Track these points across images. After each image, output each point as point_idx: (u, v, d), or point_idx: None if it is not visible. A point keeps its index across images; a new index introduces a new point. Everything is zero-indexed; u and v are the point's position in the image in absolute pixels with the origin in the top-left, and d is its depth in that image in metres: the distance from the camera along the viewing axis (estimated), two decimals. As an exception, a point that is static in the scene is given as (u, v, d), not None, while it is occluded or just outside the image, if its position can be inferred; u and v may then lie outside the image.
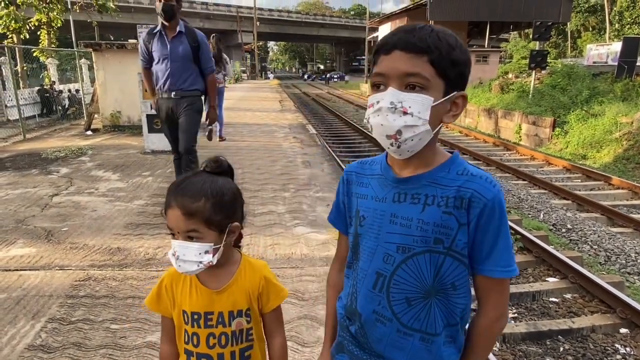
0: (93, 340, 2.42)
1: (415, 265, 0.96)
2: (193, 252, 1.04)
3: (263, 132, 9.90)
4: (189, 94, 4.13)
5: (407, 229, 0.95)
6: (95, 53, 9.31)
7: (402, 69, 0.89)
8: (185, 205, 1.03)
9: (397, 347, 0.98)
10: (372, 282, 0.99)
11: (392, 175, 1.00)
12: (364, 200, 1.04)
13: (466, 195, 0.92)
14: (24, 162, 6.68)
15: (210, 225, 1.05)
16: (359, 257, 1.04)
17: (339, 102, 27.42)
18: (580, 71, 15.37)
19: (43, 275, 3.14)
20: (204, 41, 4.16)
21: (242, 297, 1.14)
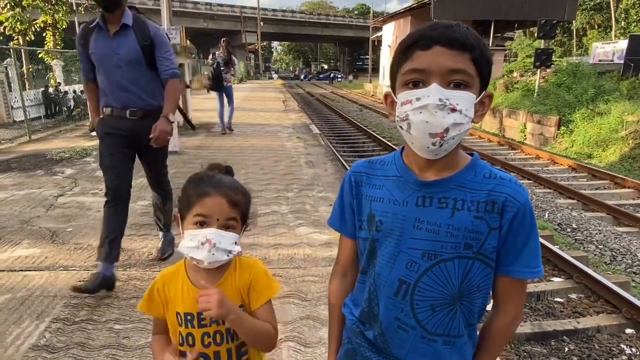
0: (97, 340, 2.43)
1: (442, 272, 0.93)
2: (228, 241, 1.08)
3: (267, 132, 9.92)
4: (153, 111, 2.91)
5: (434, 234, 0.92)
6: (100, 54, 9.34)
7: (447, 65, 0.85)
8: (230, 195, 1.10)
9: (420, 352, 0.97)
10: (394, 290, 0.96)
11: (413, 177, 0.96)
12: (379, 204, 0.98)
13: (499, 199, 0.91)
14: (29, 163, 6.73)
15: (242, 219, 1.13)
16: (375, 262, 0.99)
17: (342, 101, 27.40)
18: (585, 69, 15.26)
19: (47, 276, 3.16)
20: (160, 36, 2.91)
21: (233, 294, 1.14)
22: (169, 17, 9.99)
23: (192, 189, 1.12)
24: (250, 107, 15.10)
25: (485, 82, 0.91)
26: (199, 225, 1.08)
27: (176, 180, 5.62)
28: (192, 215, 1.09)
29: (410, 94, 0.87)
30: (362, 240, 1.04)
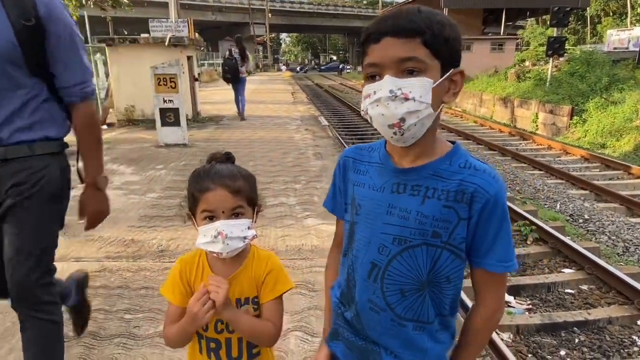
0: (108, 329, 2.48)
1: (411, 258, 0.95)
2: (240, 228, 1.10)
3: (275, 124, 9.92)
4: (18, 152, 1.60)
5: (404, 220, 0.94)
6: (109, 48, 9.43)
7: (396, 55, 0.86)
8: (230, 185, 1.10)
9: (391, 335, 0.99)
10: (366, 272, 0.99)
11: (391, 164, 0.98)
12: (361, 189, 1.02)
13: (469, 189, 0.91)
14: (41, 157, 6.82)
15: (249, 202, 1.14)
16: (354, 245, 1.03)
17: (351, 93, 27.26)
18: (599, 57, 14.95)
19: (60, 267, 3.19)
20: (58, 16, 1.55)
21: (249, 285, 1.17)
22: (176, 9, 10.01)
23: (194, 185, 1.13)
24: (259, 99, 15.11)
25: (450, 61, 0.89)
26: (209, 219, 1.10)
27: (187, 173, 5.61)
28: (200, 211, 1.11)
29: (369, 88, 0.90)
30: (346, 223, 1.07)
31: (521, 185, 7.74)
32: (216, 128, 9.45)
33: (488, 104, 17.08)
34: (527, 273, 4.58)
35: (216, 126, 9.70)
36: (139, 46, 9.43)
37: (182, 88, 7.29)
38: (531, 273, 4.60)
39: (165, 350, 2.30)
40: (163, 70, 7.08)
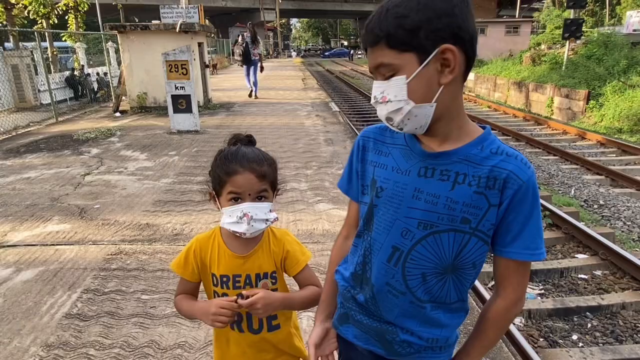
0: (125, 309, 2.55)
1: (436, 243, 0.93)
2: (263, 211, 1.14)
3: (286, 110, 9.91)
4: None
5: (432, 205, 0.92)
6: (121, 35, 9.45)
7: (372, 64, 0.91)
8: (256, 169, 1.14)
9: (409, 316, 0.99)
10: (387, 255, 0.97)
11: (419, 148, 0.95)
12: (382, 170, 0.99)
13: (501, 175, 0.89)
14: (57, 144, 6.94)
15: (272, 186, 1.19)
16: (372, 227, 1.00)
17: (362, 79, 26.99)
18: (618, 40, 14.52)
19: (78, 250, 3.30)
20: None
21: (267, 260, 1.21)
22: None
23: (220, 168, 1.16)
24: (270, 85, 15.06)
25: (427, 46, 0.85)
26: (234, 201, 1.14)
27: (199, 159, 5.74)
28: (226, 192, 1.15)
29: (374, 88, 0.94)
30: (363, 205, 1.06)
31: (535, 171, 7.66)
32: (227, 115, 9.47)
33: (502, 88, 16.79)
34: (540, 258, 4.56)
35: (227, 113, 9.73)
36: (150, 33, 9.44)
37: (193, 75, 7.31)
38: (544, 258, 4.58)
39: (182, 329, 2.36)
40: (174, 56, 7.10)
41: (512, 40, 21.72)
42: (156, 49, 8.77)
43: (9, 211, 4.09)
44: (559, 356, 3.10)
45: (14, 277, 2.93)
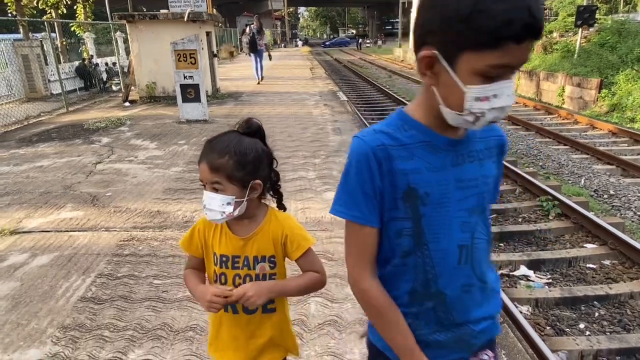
0: (138, 293, 2.61)
1: (484, 220, 0.98)
2: (217, 203, 1.15)
3: (294, 100, 9.90)
4: None
5: (475, 189, 0.94)
6: (129, 25, 9.48)
7: (524, 59, 0.79)
8: (211, 161, 1.15)
9: (478, 304, 0.98)
10: (456, 259, 0.93)
11: (443, 138, 0.91)
12: (419, 175, 0.89)
13: (501, 141, 1.00)
14: (68, 133, 7.03)
15: (232, 180, 1.15)
16: (425, 240, 0.91)
17: (371, 68, 26.81)
18: (632, 27, 14.22)
19: (91, 236, 3.37)
20: None
21: (266, 244, 1.23)
22: (195, -16, 9.93)
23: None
24: (277, 75, 15.04)
25: None
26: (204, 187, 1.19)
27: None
28: None
29: (488, 90, 0.79)
30: (396, 222, 0.92)
31: (545, 161, 7.59)
32: (235, 104, 9.50)
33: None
34: (548, 248, 4.55)
35: (235, 102, 9.75)
36: (159, 22, 9.45)
37: (201, 64, 7.32)
38: (552, 248, 4.56)
39: (193, 312, 2.42)
40: (183, 46, 7.12)
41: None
42: (165, 38, 8.79)
43: (24, 198, 4.18)
44: (566, 344, 3.11)
45: (30, 262, 3.01)
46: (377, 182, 0.90)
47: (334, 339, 2.19)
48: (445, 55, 0.80)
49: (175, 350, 2.14)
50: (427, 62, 0.83)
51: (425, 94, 0.92)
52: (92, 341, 2.21)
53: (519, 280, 3.96)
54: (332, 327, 2.28)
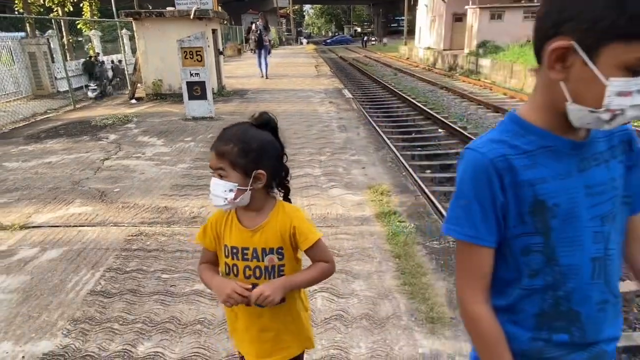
0: (146, 287, 2.65)
1: (618, 228, 0.88)
2: (220, 189, 1.20)
3: (299, 97, 9.92)
4: None
5: (605, 195, 0.85)
6: (136, 22, 9.52)
7: None
8: (217, 147, 1.21)
9: (611, 324, 0.91)
10: (589, 274, 0.85)
11: (567, 141, 0.83)
12: (545, 185, 0.82)
13: (626, 137, 0.89)
14: (75, 130, 7.09)
15: (235, 167, 1.19)
16: (556, 255, 0.84)
17: (376, 65, 26.76)
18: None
19: (99, 231, 3.41)
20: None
21: (273, 236, 1.25)
22: (200, -18, 9.95)
23: None
24: (282, 73, 15.05)
25: None
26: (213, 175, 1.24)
27: (213, 145, 5.78)
28: None
29: (632, 84, 0.72)
30: (522, 238, 0.85)
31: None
32: (241, 102, 9.53)
33: (519, 75, 16.50)
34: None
35: (241, 100, 9.78)
36: (165, 20, 9.49)
37: (208, 61, 7.35)
38: None
39: (201, 306, 2.45)
40: (189, 43, 7.15)
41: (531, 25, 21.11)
42: (171, 35, 8.83)
43: (33, 194, 4.23)
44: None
45: (40, 256, 3.05)
46: (500, 197, 0.83)
47: (340, 334, 2.21)
48: (585, 46, 0.73)
49: (184, 343, 2.17)
50: (559, 54, 0.75)
51: (543, 92, 0.84)
52: (101, 334, 2.25)
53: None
54: (338, 321, 2.30)
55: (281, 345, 1.32)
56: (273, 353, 1.32)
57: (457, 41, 25.07)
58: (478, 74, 19.54)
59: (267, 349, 1.32)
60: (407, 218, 3.46)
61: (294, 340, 1.35)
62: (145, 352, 2.12)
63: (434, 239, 3.12)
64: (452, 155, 7.20)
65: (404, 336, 2.16)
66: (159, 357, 2.09)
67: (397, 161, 5.45)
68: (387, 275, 2.70)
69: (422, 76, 19.28)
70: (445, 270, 2.70)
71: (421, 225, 3.32)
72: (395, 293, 2.51)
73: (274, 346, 1.32)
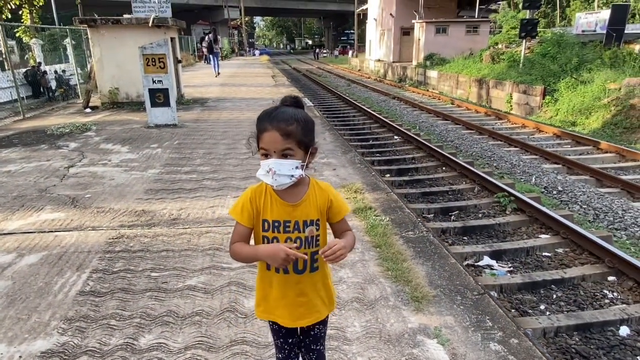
0: (138, 285, 2.67)
1: None
2: (287, 167, 1.28)
3: (261, 105, 10.01)
4: None
5: None
6: (91, 29, 9.25)
7: None
8: (282, 128, 1.27)
9: None
10: None
11: None
12: None
13: None
14: (30, 139, 6.78)
15: (300, 145, 1.29)
16: None
17: (329, 76, 27.34)
18: (569, 39, 15.50)
19: (78, 235, 3.36)
20: None
21: (313, 209, 1.39)
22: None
23: (257, 124, 1.34)
24: (241, 82, 15.07)
25: None
26: (264, 156, 1.31)
27: (183, 151, 5.80)
28: (260, 147, 1.32)
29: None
30: None
31: (498, 162, 8.13)
32: (203, 110, 9.48)
33: (464, 85, 17.53)
34: (507, 239, 4.92)
35: (202, 108, 9.73)
36: (122, 27, 9.30)
37: (170, 68, 7.31)
38: (511, 239, 4.93)
39: (197, 299, 2.52)
40: (152, 50, 7.08)
41: (472, 39, 22.63)
42: (128, 43, 8.67)
43: (-5, 203, 4.05)
44: (530, 323, 3.40)
45: (18, 261, 2.97)
46: None
47: (335, 316, 2.36)
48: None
49: (185, 333, 2.23)
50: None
51: None
52: (99, 330, 2.26)
53: (484, 270, 4.26)
54: (330, 306, 2.45)
55: (314, 309, 1.46)
56: (306, 316, 1.46)
57: (405, 54, 26.20)
58: (426, 85, 20.52)
59: (301, 312, 1.45)
60: (382, 212, 3.68)
61: (323, 304, 1.49)
62: (148, 343, 2.16)
63: (409, 230, 3.35)
64: (408, 160, 7.60)
65: (393, 314, 2.35)
66: (162, 347, 2.14)
67: (365, 162, 5.70)
68: (370, 263, 2.89)
69: (375, 87, 19.97)
70: (422, 256, 2.94)
71: (396, 219, 3.56)
72: (381, 278, 2.70)
73: (307, 310, 1.45)
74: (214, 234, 3.34)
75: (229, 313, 2.38)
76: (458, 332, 2.21)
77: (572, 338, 3.32)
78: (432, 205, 5.62)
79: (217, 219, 3.62)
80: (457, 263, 3.00)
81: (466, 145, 9.29)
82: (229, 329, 2.24)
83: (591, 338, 3.29)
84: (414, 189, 6.25)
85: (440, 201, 5.89)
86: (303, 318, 1.46)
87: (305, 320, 1.46)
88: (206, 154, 5.57)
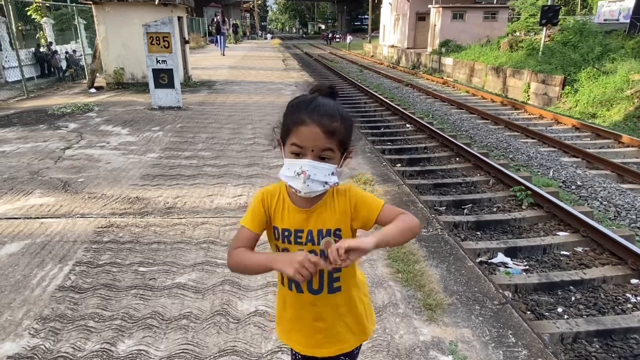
0: (123, 281, 2.45)
1: None
2: (323, 172, 1.03)
3: (269, 89, 9.73)
4: None
5: None
6: (96, 7, 8.99)
7: None
8: (326, 124, 1.01)
9: None
10: None
11: None
12: None
13: None
14: (30, 118, 6.60)
15: (341, 147, 1.05)
16: None
17: (342, 62, 26.83)
18: (592, 27, 14.90)
19: (65, 223, 3.15)
20: None
21: (331, 216, 1.12)
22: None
23: (290, 115, 1.06)
24: (250, 65, 14.77)
25: None
26: (295, 155, 1.04)
27: (185, 135, 5.57)
28: (290, 143, 1.05)
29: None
30: None
31: (514, 153, 7.81)
32: (210, 92, 9.23)
33: (480, 73, 17.00)
34: (523, 236, 4.66)
35: (209, 90, 9.48)
36: (128, 4, 9.02)
37: (175, 48, 7.04)
38: (527, 236, 4.68)
39: (185, 300, 2.29)
40: (156, 28, 6.81)
41: (490, 25, 21.93)
42: (134, 21, 8.40)
43: (-15, 185, 3.87)
44: (547, 327, 3.18)
45: (-2, 250, 2.77)
46: None
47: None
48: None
49: (170, 339, 2.01)
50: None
51: None
52: (75, 332, 2.05)
53: (498, 268, 4.03)
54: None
55: (335, 337, 1.19)
56: (325, 345, 1.19)
57: (420, 40, 25.55)
58: (441, 72, 19.98)
59: (319, 340, 1.18)
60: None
61: (349, 332, 1.20)
62: (127, 350, 1.94)
63: (423, 227, 3.09)
64: (420, 150, 7.31)
65: (403, 324, 2.11)
66: (142, 355, 1.92)
67: (375, 151, 5.42)
68: (378, 263, 2.64)
69: (388, 73, 19.50)
70: (437, 257, 2.68)
71: (406, 215, 3.30)
72: (390, 281, 2.45)
73: (326, 338, 1.18)
74: (210, 226, 3.11)
75: (220, 317, 2.15)
76: (477, 349, 1.96)
77: (592, 345, 3.09)
78: (445, 197, 5.36)
79: (215, 209, 3.39)
80: (475, 266, 2.74)
81: (481, 136, 8.95)
82: (218, 335, 2.02)
83: (613, 346, 3.05)
84: (425, 179, 6.00)
85: (453, 193, 5.64)
86: (321, 347, 1.19)
87: (324, 350, 1.19)
88: (209, 139, 5.33)
